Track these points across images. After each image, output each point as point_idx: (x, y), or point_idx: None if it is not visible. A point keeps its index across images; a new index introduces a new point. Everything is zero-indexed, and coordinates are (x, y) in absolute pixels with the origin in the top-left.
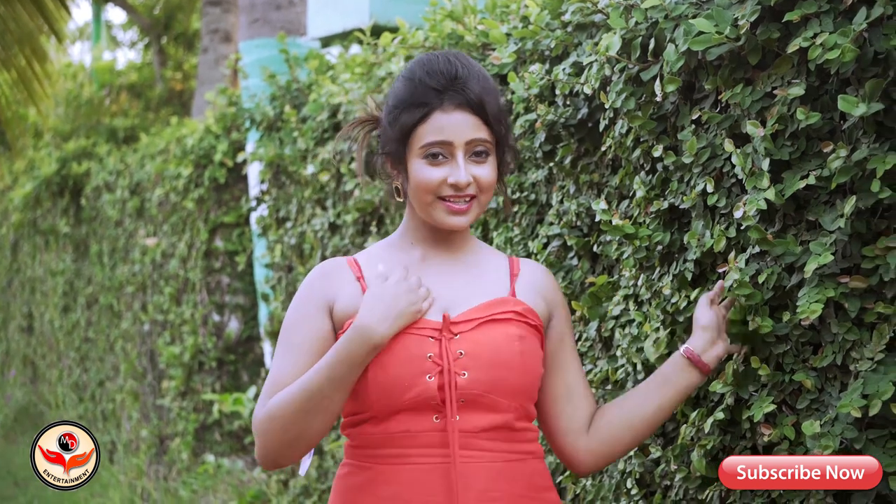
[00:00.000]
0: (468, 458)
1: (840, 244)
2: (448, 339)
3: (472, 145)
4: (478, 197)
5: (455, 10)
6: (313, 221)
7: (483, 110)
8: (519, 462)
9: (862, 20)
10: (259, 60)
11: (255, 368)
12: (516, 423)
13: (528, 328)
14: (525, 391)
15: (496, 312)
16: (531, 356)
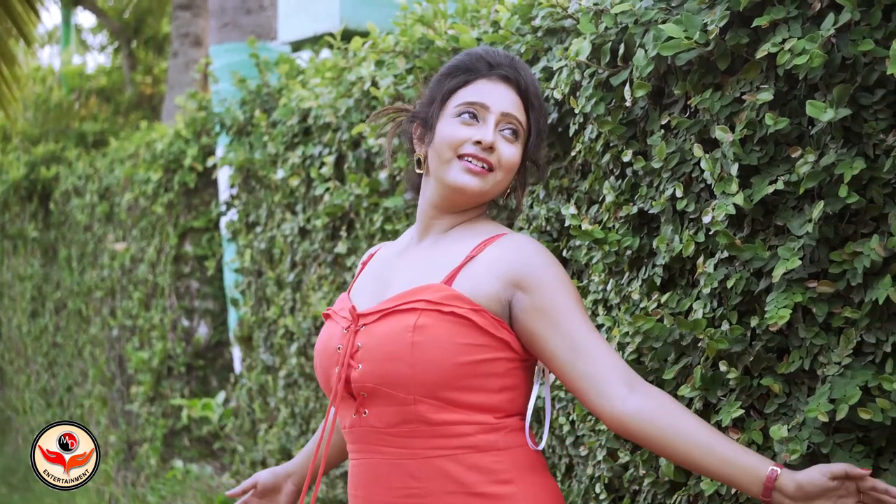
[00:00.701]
0: (379, 454)
1: (808, 249)
2: (353, 332)
3: (506, 118)
4: (495, 171)
5: (426, 15)
6: (283, 226)
7: (527, 97)
8: (444, 458)
9: (830, 26)
10: (229, 65)
11: (224, 374)
12: (433, 416)
13: (438, 316)
14: (424, 383)
15: (404, 302)
16: (430, 347)
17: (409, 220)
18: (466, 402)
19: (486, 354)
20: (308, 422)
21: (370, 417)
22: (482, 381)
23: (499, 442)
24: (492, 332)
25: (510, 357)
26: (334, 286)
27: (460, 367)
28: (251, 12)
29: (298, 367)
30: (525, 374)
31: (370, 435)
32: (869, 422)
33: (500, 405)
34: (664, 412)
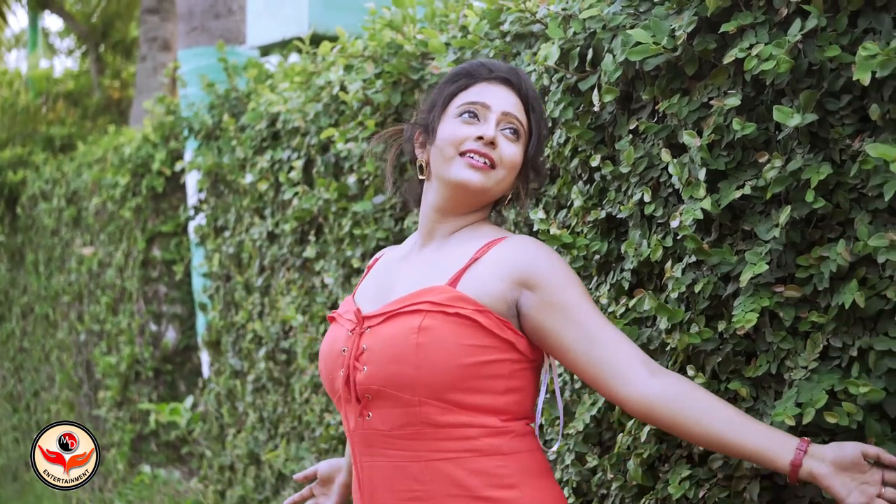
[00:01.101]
0: (384, 456)
1: (775, 253)
2: (358, 334)
3: (507, 118)
4: (497, 168)
5: (394, 20)
6: (252, 230)
7: (528, 100)
8: (448, 461)
9: (796, 32)
10: (198, 69)
11: (192, 378)
12: (438, 418)
13: (443, 318)
14: (429, 384)
15: (408, 304)
16: (434, 348)
17: (377, 225)
18: (471, 404)
19: (491, 356)
20: (276, 426)
21: (374, 420)
22: (487, 382)
23: (503, 446)
24: (497, 333)
25: (515, 358)
26: (303, 290)
27: (465, 368)
28: (220, 16)
29: (267, 371)
30: (531, 375)
31: (374, 438)
32: (835, 426)
33: (505, 407)
34: (689, 392)
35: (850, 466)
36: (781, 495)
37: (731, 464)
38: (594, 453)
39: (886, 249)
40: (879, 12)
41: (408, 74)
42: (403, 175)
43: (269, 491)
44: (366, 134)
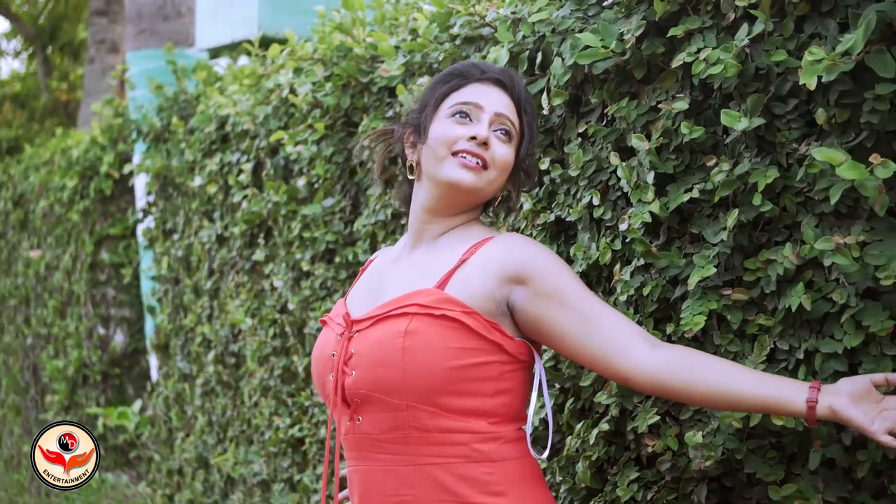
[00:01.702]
0: (374, 461)
1: (722, 257)
2: (347, 339)
3: (500, 118)
4: (489, 169)
5: (344, 23)
6: (201, 233)
7: (520, 102)
8: (436, 466)
9: (744, 36)
10: (146, 71)
11: (140, 381)
12: (426, 422)
13: (429, 320)
14: (416, 388)
15: (396, 307)
16: (421, 351)
17: (327, 228)
18: (460, 407)
19: (478, 358)
20: (225, 430)
21: (364, 424)
22: (476, 385)
23: (492, 453)
24: (484, 335)
25: (504, 360)
26: (252, 294)
27: (452, 371)
28: (168, 19)
29: (216, 374)
30: (521, 377)
31: (364, 442)
32: (782, 428)
33: (494, 409)
34: (693, 356)
35: (864, 396)
36: (729, 497)
37: (679, 466)
38: (541, 458)
39: (832, 253)
40: (825, 17)
41: (357, 77)
42: (353, 178)
43: (217, 495)
44: (315, 137)
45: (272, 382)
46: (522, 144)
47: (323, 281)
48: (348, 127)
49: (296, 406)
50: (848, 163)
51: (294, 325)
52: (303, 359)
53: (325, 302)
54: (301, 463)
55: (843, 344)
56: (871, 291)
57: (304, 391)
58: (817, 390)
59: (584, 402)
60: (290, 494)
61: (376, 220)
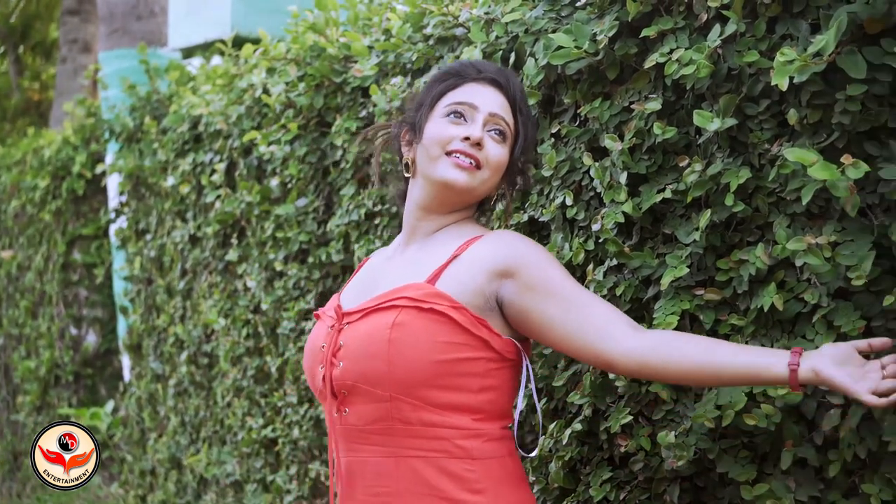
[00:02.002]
0: (359, 451)
1: (695, 257)
2: (337, 331)
3: (494, 119)
4: (482, 168)
5: (317, 23)
6: (173, 233)
7: (515, 102)
8: (418, 459)
9: (716, 37)
10: (119, 71)
11: (113, 382)
12: (410, 414)
13: (417, 313)
14: (400, 380)
15: (385, 301)
16: (407, 344)
17: (300, 228)
18: (444, 402)
19: (464, 353)
20: (198, 430)
21: (350, 416)
22: (461, 380)
23: (474, 450)
24: (471, 331)
25: (490, 357)
26: (225, 294)
27: (438, 364)
28: (141, 18)
29: (188, 375)
30: (508, 375)
31: (350, 433)
32: (754, 427)
33: (479, 406)
34: (676, 336)
35: (847, 360)
36: (701, 497)
37: (652, 466)
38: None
39: (804, 253)
40: (796, 18)
41: (331, 77)
42: (326, 178)
43: (190, 495)
44: (288, 137)
45: (245, 383)
46: (517, 144)
47: (296, 281)
48: (322, 127)
49: (269, 406)
50: (819, 163)
51: (267, 325)
52: (276, 359)
53: (299, 302)
54: (274, 463)
55: (814, 344)
56: (843, 291)
57: (277, 392)
58: (799, 354)
59: (557, 402)
60: (263, 495)
61: (349, 220)
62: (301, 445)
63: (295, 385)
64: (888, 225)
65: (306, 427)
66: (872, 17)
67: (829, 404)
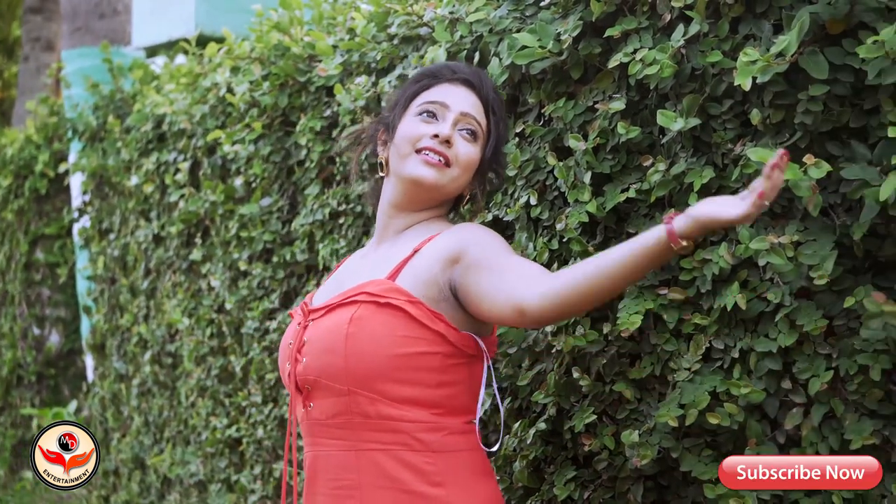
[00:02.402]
0: (322, 445)
1: None
2: (303, 327)
3: (466, 118)
4: (452, 166)
5: (281, 22)
6: (137, 233)
7: (488, 103)
8: (379, 452)
9: (679, 37)
10: (82, 70)
11: (76, 382)
12: (368, 408)
13: (374, 308)
14: (356, 374)
15: (348, 297)
16: (363, 338)
17: (264, 227)
18: (401, 396)
19: (421, 347)
20: (162, 430)
21: (314, 410)
22: (418, 374)
23: (434, 444)
24: (427, 325)
25: (448, 352)
26: (189, 293)
27: (394, 358)
28: (104, 17)
29: (152, 375)
30: (467, 371)
31: (314, 427)
32: (717, 426)
33: (438, 401)
34: (575, 264)
35: (721, 199)
36: (665, 496)
37: (616, 465)
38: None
39: (767, 252)
40: (759, 19)
41: (295, 76)
42: (290, 178)
43: (154, 496)
44: (252, 136)
45: (209, 382)
46: (489, 144)
47: (260, 280)
48: (286, 126)
49: (233, 406)
50: None
51: (231, 324)
52: (240, 359)
53: (263, 302)
54: (238, 463)
55: (777, 343)
56: (805, 291)
57: (241, 391)
58: (672, 216)
59: (521, 401)
60: (227, 495)
61: (314, 219)
62: (265, 445)
63: (259, 385)
64: (850, 224)
65: (270, 427)
66: (834, 18)
67: (792, 403)
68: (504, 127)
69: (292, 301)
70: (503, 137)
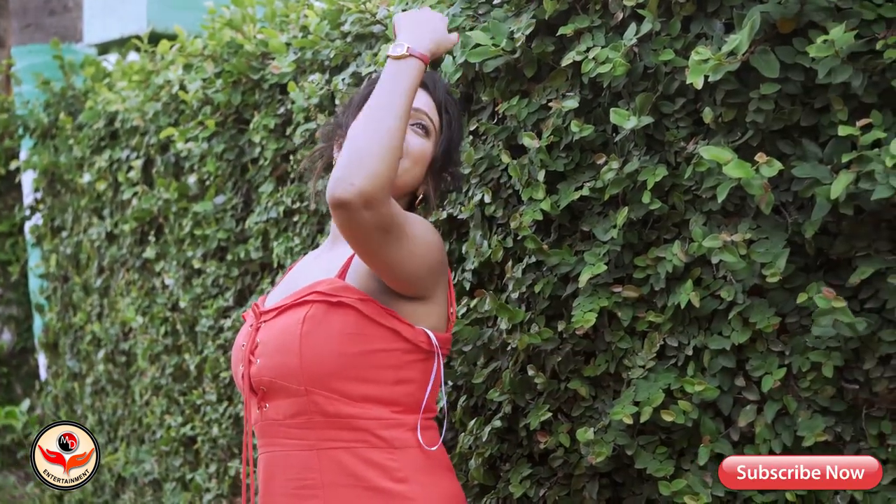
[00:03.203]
0: (280, 446)
1: (613, 254)
2: (255, 329)
3: (417, 114)
4: (402, 158)
5: (234, 19)
6: (90, 231)
7: (440, 103)
8: (340, 450)
9: (632, 35)
10: (32, 66)
11: (29, 381)
12: (327, 407)
13: (327, 307)
14: (312, 373)
15: (299, 297)
16: (317, 338)
17: (218, 225)
18: (359, 394)
19: (376, 345)
20: (116, 429)
21: (270, 411)
22: (374, 372)
23: (395, 440)
24: (380, 322)
25: (404, 349)
26: (143, 291)
27: (349, 357)
28: (55, 13)
29: (106, 373)
30: (425, 367)
31: (271, 428)
32: (672, 423)
33: (397, 398)
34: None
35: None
36: (620, 493)
37: (571, 462)
38: None
39: (720, 250)
40: (711, 18)
41: (248, 74)
42: (244, 175)
43: (108, 495)
44: (206, 133)
45: (163, 381)
46: (441, 141)
47: (214, 278)
48: (239, 124)
49: (188, 405)
50: (734, 161)
51: (185, 322)
52: (194, 357)
53: (217, 300)
54: (193, 462)
55: (730, 340)
56: (758, 289)
57: (195, 389)
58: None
59: (476, 399)
60: (182, 493)
61: (268, 217)
62: (220, 443)
63: (214, 383)
64: (802, 223)
65: (225, 425)
66: (785, 17)
67: (746, 400)
68: (458, 127)
69: (246, 299)
70: (457, 138)
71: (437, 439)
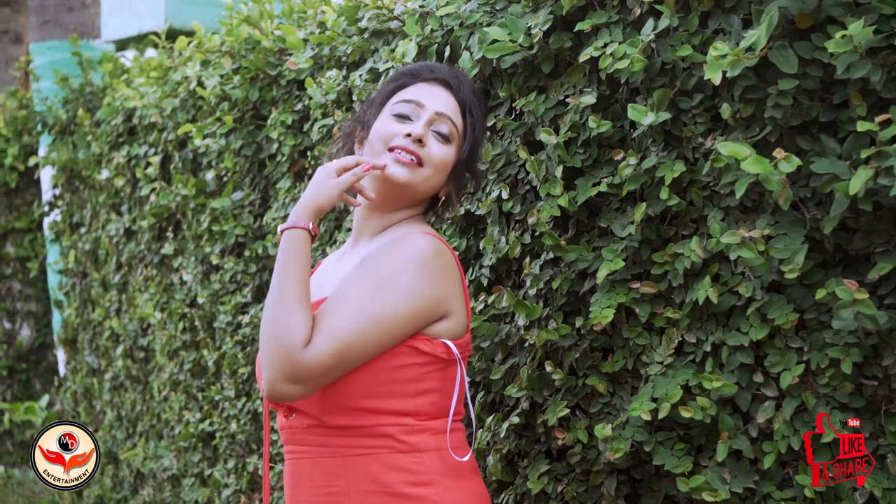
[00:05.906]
0: (306, 453)
1: (630, 250)
2: None
3: (441, 118)
4: (424, 166)
5: (252, 15)
6: (108, 227)
7: (465, 104)
8: (366, 457)
9: (650, 31)
10: (51, 63)
11: (48, 376)
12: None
13: None
14: (336, 397)
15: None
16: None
17: (236, 221)
18: (383, 409)
19: (394, 362)
20: (135, 424)
21: (295, 420)
22: (396, 387)
23: (420, 444)
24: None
25: (423, 361)
26: (161, 287)
27: (368, 377)
28: (73, 10)
29: (124, 369)
30: (446, 374)
31: (297, 435)
32: (690, 420)
33: (420, 409)
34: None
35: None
36: (638, 489)
37: (589, 458)
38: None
39: (738, 246)
40: (729, 13)
41: (265, 70)
42: (262, 171)
43: (127, 490)
44: (224, 130)
45: (182, 377)
46: (464, 146)
47: (232, 275)
48: (257, 120)
49: (206, 400)
50: (752, 157)
51: (204, 318)
52: (213, 353)
53: (235, 296)
54: (211, 458)
55: (749, 336)
56: (776, 284)
57: (214, 385)
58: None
59: (494, 395)
60: (201, 489)
61: (286, 213)
62: (239, 439)
63: (232, 379)
64: (820, 218)
65: (244, 421)
66: (803, 13)
67: (764, 396)
68: (482, 129)
69: (264, 295)
70: (480, 140)
71: (462, 439)
